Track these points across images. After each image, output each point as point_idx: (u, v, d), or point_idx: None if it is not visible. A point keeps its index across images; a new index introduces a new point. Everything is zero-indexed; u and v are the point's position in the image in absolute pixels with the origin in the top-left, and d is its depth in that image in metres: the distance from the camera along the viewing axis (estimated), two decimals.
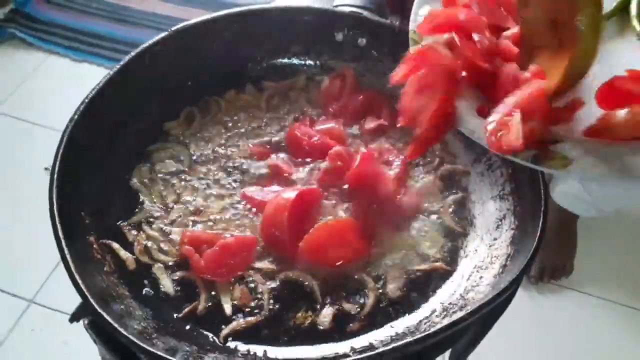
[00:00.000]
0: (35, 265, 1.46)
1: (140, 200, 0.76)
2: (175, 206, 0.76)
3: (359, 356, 0.55)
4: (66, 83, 1.86)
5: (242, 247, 0.71)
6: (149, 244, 0.71)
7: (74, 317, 0.68)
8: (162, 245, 0.72)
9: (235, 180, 0.79)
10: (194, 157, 0.81)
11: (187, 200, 0.76)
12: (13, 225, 1.53)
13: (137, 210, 0.75)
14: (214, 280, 0.68)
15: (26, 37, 1.92)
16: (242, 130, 0.85)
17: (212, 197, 0.77)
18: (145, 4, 2.00)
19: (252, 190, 0.77)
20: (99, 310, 0.55)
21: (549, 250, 1.46)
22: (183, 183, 0.79)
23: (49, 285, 1.44)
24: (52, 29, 1.95)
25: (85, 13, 1.99)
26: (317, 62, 0.92)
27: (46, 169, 1.64)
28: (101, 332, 0.68)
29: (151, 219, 0.74)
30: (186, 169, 0.80)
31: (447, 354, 0.78)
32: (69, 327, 0.73)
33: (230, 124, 0.86)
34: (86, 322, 0.68)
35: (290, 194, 0.72)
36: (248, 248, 0.71)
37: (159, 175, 0.79)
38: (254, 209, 0.76)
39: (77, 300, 0.69)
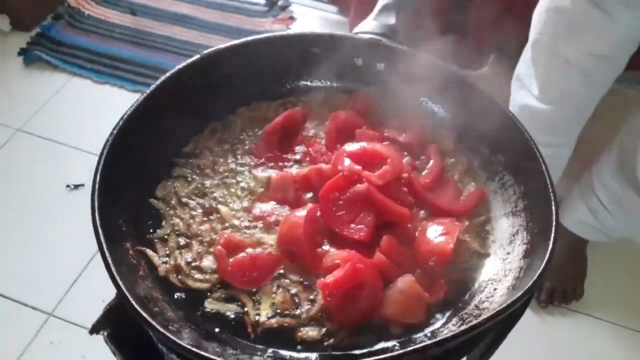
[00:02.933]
0: (55, 278, 1.48)
1: (164, 217, 0.79)
2: (195, 226, 0.78)
3: (378, 356, 0.57)
4: (88, 104, 1.91)
5: (269, 263, 0.74)
6: (179, 272, 0.73)
7: (94, 329, 0.70)
8: (193, 273, 0.73)
9: (251, 192, 0.82)
10: (213, 171, 0.85)
11: (205, 220, 0.79)
12: (34, 239, 1.57)
13: (161, 226, 0.78)
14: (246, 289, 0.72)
15: (51, 59, 1.98)
16: (253, 143, 0.89)
17: (230, 212, 0.80)
18: (166, 29, 2.07)
19: (265, 209, 0.80)
20: (136, 306, 0.59)
21: (559, 274, 1.46)
22: (201, 201, 0.81)
23: (69, 299, 1.45)
24: (76, 52, 2.01)
25: (109, 37, 2.06)
26: (338, 85, 0.97)
27: (68, 186, 1.69)
28: (121, 344, 0.71)
29: (175, 239, 0.77)
30: (205, 184, 0.83)
31: None
32: (87, 340, 0.76)
33: (243, 138, 0.90)
34: (106, 334, 0.70)
35: (302, 212, 0.76)
36: (273, 266, 0.74)
37: (179, 192, 0.82)
38: (269, 225, 0.79)
39: (96, 313, 0.70)
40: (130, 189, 0.77)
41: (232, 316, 0.70)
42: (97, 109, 1.87)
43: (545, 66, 1.08)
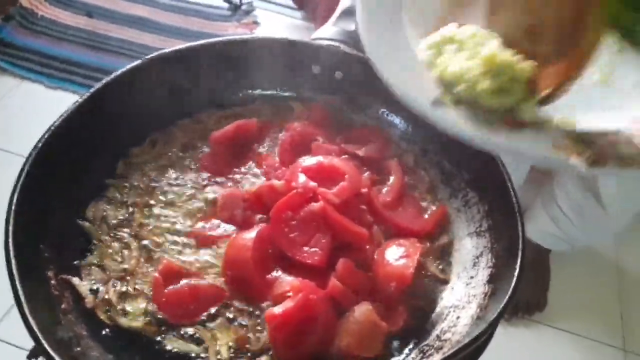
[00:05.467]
0: None
1: (94, 241, 0.71)
2: (133, 261, 0.70)
3: None
4: (39, 109, 1.81)
5: (211, 295, 0.67)
6: (109, 307, 0.66)
7: (32, 355, 0.64)
8: (125, 309, 0.65)
9: (195, 212, 0.75)
10: (150, 190, 0.77)
11: (142, 249, 0.71)
12: None
13: (91, 251, 0.70)
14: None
15: (0, 62, 1.88)
16: (196, 157, 0.82)
17: (169, 236, 0.72)
18: (123, 32, 1.98)
19: (210, 231, 0.74)
20: (52, 354, 0.51)
21: (522, 285, 1.45)
22: (135, 230, 0.73)
23: (10, 319, 1.37)
24: (27, 54, 1.91)
25: (61, 39, 1.96)
26: (294, 94, 0.91)
27: None
28: None
29: (106, 269, 0.69)
30: (140, 204, 0.75)
31: None
32: None
33: (184, 153, 0.82)
34: None
35: (251, 233, 0.69)
36: (215, 299, 0.67)
37: (109, 217, 0.74)
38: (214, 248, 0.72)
39: None
40: (56, 209, 0.69)
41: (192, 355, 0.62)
42: (49, 115, 1.74)
43: None
